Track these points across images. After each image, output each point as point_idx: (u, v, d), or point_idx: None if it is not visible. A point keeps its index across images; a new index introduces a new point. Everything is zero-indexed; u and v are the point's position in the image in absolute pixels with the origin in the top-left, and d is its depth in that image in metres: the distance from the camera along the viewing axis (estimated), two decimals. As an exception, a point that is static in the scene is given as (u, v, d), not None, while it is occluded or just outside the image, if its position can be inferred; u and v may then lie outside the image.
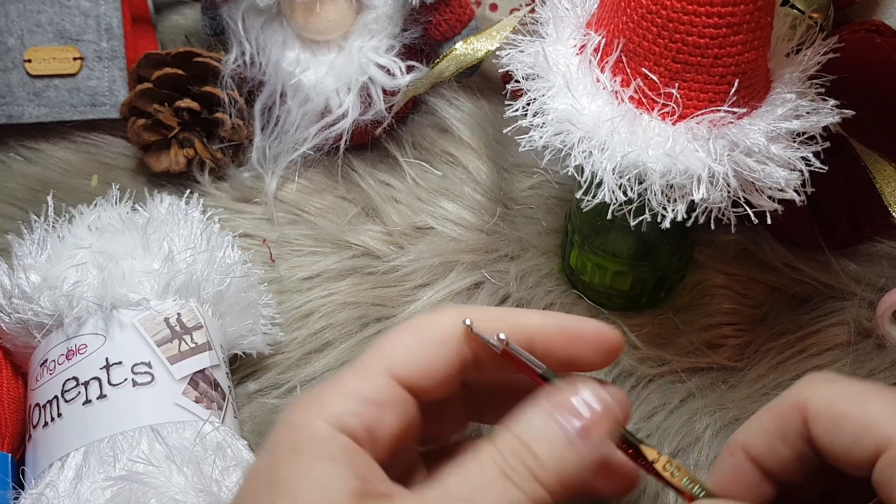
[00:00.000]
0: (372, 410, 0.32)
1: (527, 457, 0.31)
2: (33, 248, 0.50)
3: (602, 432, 0.32)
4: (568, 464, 0.31)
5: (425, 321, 0.35)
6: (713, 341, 0.56)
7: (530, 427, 0.32)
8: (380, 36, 0.61)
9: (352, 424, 0.32)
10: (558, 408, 0.32)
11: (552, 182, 0.62)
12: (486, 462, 0.31)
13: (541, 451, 0.31)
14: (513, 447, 0.31)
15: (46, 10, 0.66)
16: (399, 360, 0.34)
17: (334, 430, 0.32)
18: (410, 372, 0.34)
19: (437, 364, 0.34)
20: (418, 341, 0.34)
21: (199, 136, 0.64)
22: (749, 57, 0.41)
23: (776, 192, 0.43)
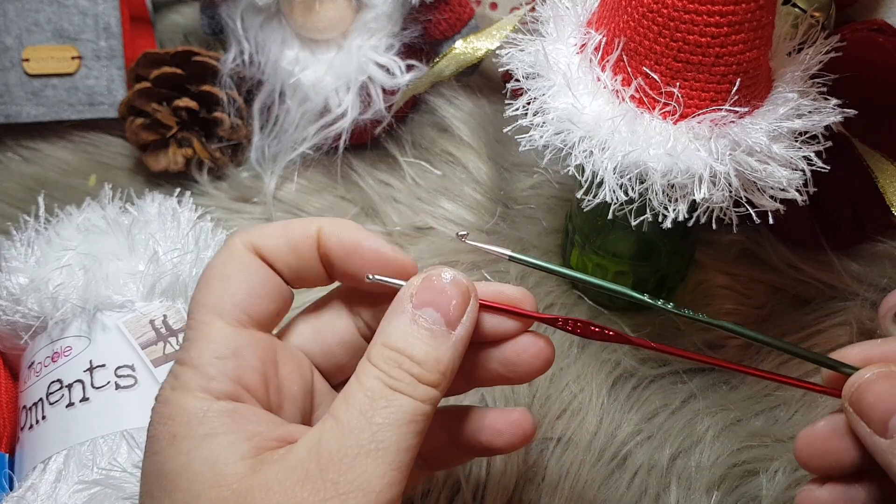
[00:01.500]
0: (228, 364, 0.32)
1: (406, 363, 0.31)
2: (21, 250, 0.50)
3: (462, 312, 0.33)
4: (444, 356, 0.32)
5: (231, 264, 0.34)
6: (715, 342, 0.56)
7: (398, 334, 0.32)
8: (379, 35, 0.61)
9: (219, 387, 0.32)
10: (416, 307, 0.32)
11: (553, 182, 0.62)
12: (370, 382, 0.31)
13: (416, 353, 0.32)
14: (389, 358, 0.31)
15: (44, 9, 0.66)
16: (228, 307, 0.33)
17: (207, 401, 0.31)
18: (242, 311, 0.34)
19: (259, 295, 0.34)
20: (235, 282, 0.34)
21: (198, 136, 0.64)
22: (750, 56, 0.41)
23: (778, 192, 0.42)
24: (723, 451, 0.51)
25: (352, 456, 0.30)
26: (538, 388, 0.54)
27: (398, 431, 0.30)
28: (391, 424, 0.30)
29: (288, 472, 0.30)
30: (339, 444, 0.30)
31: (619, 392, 0.54)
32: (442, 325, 0.32)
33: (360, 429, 0.30)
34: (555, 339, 0.55)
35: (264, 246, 0.35)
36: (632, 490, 0.50)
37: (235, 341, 0.33)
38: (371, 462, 0.30)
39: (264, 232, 0.35)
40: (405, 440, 0.30)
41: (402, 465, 0.30)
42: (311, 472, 0.29)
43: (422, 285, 0.33)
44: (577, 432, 0.52)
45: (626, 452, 0.52)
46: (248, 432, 0.31)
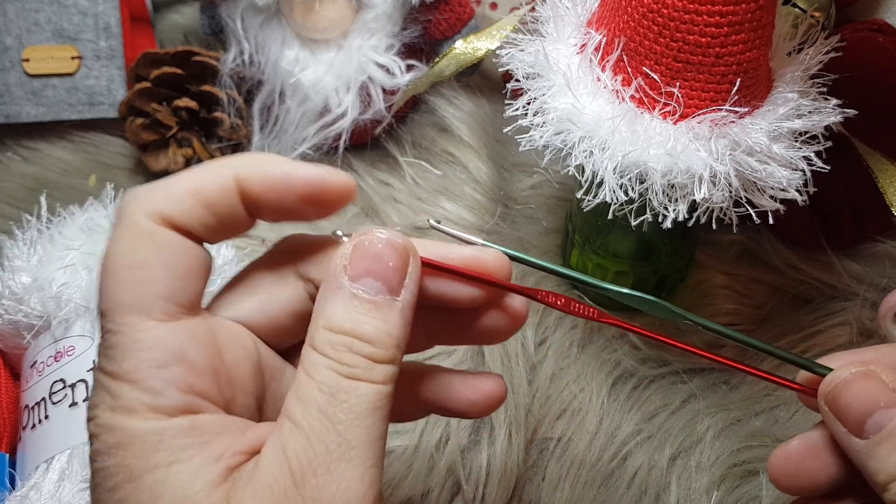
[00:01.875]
0: (173, 372, 0.28)
1: (356, 345, 0.28)
2: (24, 249, 0.50)
3: (403, 274, 0.30)
4: (394, 327, 0.29)
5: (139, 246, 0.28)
6: (714, 342, 0.56)
7: (340, 313, 0.29)
8: (379, 35, 0.61)
9: (168, 402, 0.27)
10: (353, 280, 0.29)
11: (552, 182, 0.62)
12: (322, 375, 0.28)
13: (364, 332, 0.28)
14: (337, 343, 0.28)
15: (44, 9, 0.66)
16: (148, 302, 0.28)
17: (159, 422, 0.27)
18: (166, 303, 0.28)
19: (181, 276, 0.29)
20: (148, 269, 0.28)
21: (198, 136, 0.64)
22: (751, 56, 0.41)
23: (778, 192, 0.42)
24: (723, 451, 0.51)
25: (325, 465, 0.27)
26: (538, 387, 0.54)
27: (365, 424, 0.27)
28: (356, 418, 0.27)
29: (264, 494, 0.27)
30: (306, 452, 0.27)
31: (620, 392, 0.54)
32: (385, 294, 0.29)
33: (324, 431, 0.27)
34: (555, 340, 0.56)
35: (175, 214, 0.28)
36: (632, 490, 0.50)
37: (172, 342, 0.28)
38: (346, 467, 0.27)
39: (169, 195, 0.28)
40: (374, 430, 0.28)
41: (378, 458, 0.28)
42: (288, 490, 0.27)
43: (354, 254, 0.29)
44: (578, 432, 0.52)
45: (626, 452, 0.52)
46: (214, 452, 0.27)
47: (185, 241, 0.29)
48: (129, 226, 0.28)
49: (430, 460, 0.51)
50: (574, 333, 0.56)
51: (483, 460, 0.51)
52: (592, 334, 0.56)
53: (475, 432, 0.52)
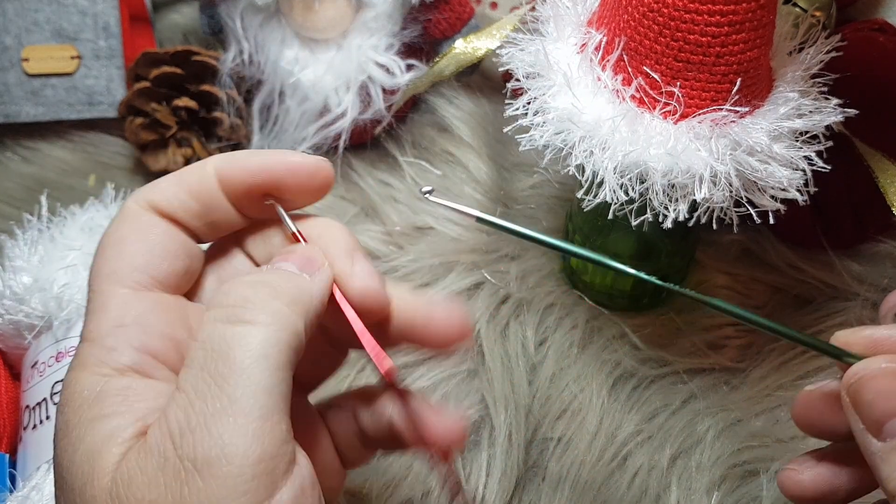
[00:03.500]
0: (131, 332, 0.29)
1: (248, 295, 0.28)
2: (25, 250, 0.50)
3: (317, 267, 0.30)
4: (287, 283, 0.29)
5: (126, 225, 0.31)
6: (715, 342, 0.56)
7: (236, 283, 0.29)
8: (379, 34, 0.61)
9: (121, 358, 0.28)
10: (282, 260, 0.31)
11: (553, 181, 0.62)
12: (205, 333, 0.27)
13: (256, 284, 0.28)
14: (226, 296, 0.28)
15: (44, 8, 0.66)
16: (125, 272, 0.30)
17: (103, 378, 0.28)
18: (141, 274, 0.30)
19: (159, 254, 0.31)
20: (131, 244, 0.31)
21: (198, 136, 0.64)
22: (751, 55, 0.41)
23: (779, 192, 0.42)
24: (723, 452, 0.51)
25: (202, 423, 0.25)
26: (538, 388, 0.54)
27: (249, 373, 0.26)
28: (238, 369, 0.26)
29: (147, 458, 0.26)
30: (185, 412, 0.26)
31: (620, 392, 0.54)
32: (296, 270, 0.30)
33: (205, 388, 0.26)
34: (555, 340, 0.55)
35: (159, 200, 0.31)
36: (632, 490, 0.50)
37: (137, 307, 0.29)
38: (225, 421, 0.25)
39: (157, 186, 0.31)
40: (261, 380, 0.26)
41: (268, 411, 0.26)
42: (167, 452, 0.25)
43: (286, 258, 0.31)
44: (578, 433, 0.52)
45: (626, 453, 0.51)
46: (138, 412, 0.27)
47: (168, 225, 0.31)
48: (122, 212, 0.31)
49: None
50: (574, 333, 0.56)
51: (483, 461, 0.51)
52: (593, 334, 0.56)
53: (475, 432, 0.52)
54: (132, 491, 0.25)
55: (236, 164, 0.31)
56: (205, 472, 0.25)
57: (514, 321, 0.56)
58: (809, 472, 0.34)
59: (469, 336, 0.34)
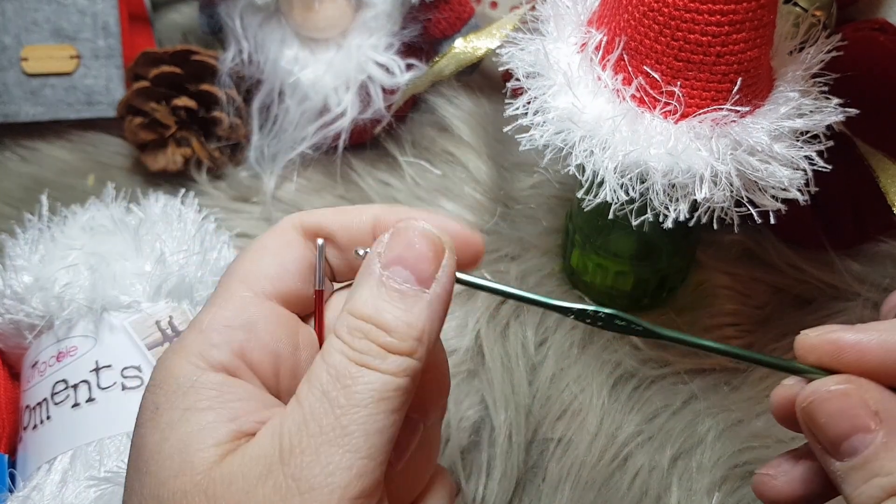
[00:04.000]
0: (237, 334, 0.30)
1: (373, 332, 0.28)
2: (26, 249, 0.50)
3: (435, 266, 0.29)
4: (417, 319, 0.28)
5: (272, 237, 0.32)
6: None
7: (364, 299, 0.28)
8: (379, 34, 0.61)
9: (218, 356, 0.29)
10: (384, 268, 0.29)
11: (553, 181, 0.62)
12: (333, 358, 0.28)
13: (384, 319, 0.28)
14: (355, 328, 0.28)
15: (43, 8, 0.66)
16: (254, 276, 0.31)
17: (199, 370, 0.28)
18: (269, 283, 0.31)
19: (291, 271, 0.32)
20: (270, 254, 0.32)
21: (197, 135, 0.64)
22: (752, 55, 0.41)
23: (779, 192, 0.42)
24: (724, 452, 0.51)
25: (314, 446, 0.26)
26: (538, 388, 0.54)
27: (366, 413, 0.27)
28: (357, 405, 0.27)
29: (251, 465, 0.26)
30: (299, 431, 0.26)
31: (620, 393, 0.54)
32: (413, 284, 0.29)
33: (322, 413, 0.26)
34: (555, 340, 0.55)
35: (310, 224, 0.32)
36: (633, 491, 0.50)
37: (252, 312, 0.30)
38: (336, 451, 0.26)
39: (316, 212, 0.32)
40: (376, 422, 0.27)
41: (375, 451, 0.27)
42: (273, 465, 0.26)
43: (389, 242, 0.29)
44: (578, 433, 0.52)
45: (626, 453, 0.51)
46: (232, 411, 0.28)
47: (306, 245, 0.32)
48: (275, 225, 0.32)
49: (430, 461, 0.51)
50: (574, 334, 0.56)
51: (483, 460, 0.51)
52: (593, 335, 0.56)
53: (475, 433, 0.52)
54: (231, 492, 0.26)
55: (396, 216, 0.31)
56: (307, 494, 0.26)
57: (514, 321, 0.56)
58: (784, 477, 0.33)
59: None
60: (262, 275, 0.31)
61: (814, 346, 0.32)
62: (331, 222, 0.32)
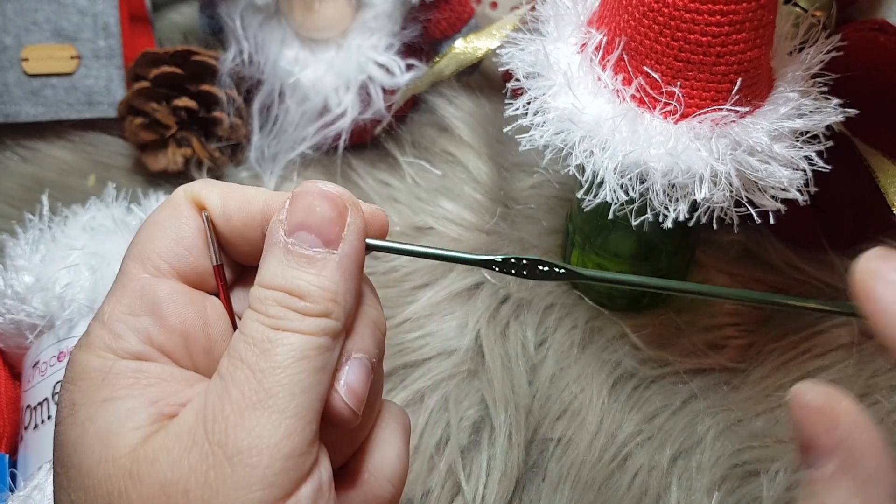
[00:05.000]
0: (141, 321, 0.29)
1: (287, 300, 0.28)
2: (27, 249, 0.50)
3: (340, 226, 0.29)
4: (330, 280, 0.28)
5: (164, 211, 0.31)
6: (715, 342, 0.56)
7: (274, 269, 0.28)
8: (379, 34, 0.61)
9: (126, 346, 0.28)
10: (289, 234, 0.28)
11: (553, 181, 0.62)
12: (250, 328, 0.27)
13: (296, 286, 0.28)
14: (268, 298, 0.28)
15: (43, 8, 0.66)
16: (150, 255, 0.30)
17: (110, 361, 0.28)
18: (165, 261, 0.30)
19: (188, 246, 0.30)
20: (163, 229, 0.30)
21: (197, 135, 0.64)
22: (752, 55, 0.41)
23: (779, 192, 0.42)
24: (723, 452, 0.51)
25: (237, 412, 0.26)
26: (538, 388, 0.54)
27: (288, 373, 0.26)
28: (278, 366, 0.26)
29: (174, 440, 0.26)
30: (221, 399, 0.26)
31: (620, 392, 0.54)
32: (320, 248, 0.28)
33: (243, 379, 0.26)
34: (555, 340, 0.55)
35: (204, 196, 0.31)
36: (632, 491, 0.50)
37: (153, 294, 0.29)
38: (261, 414, 0.26)
39: (209, 183, 0.31)
40: (300, 381, 0.26)
41: (302, 410, 0.26)
42: (198, 436, 0.26)
43: (290, 207, 0.29)
44: (578, 433, 0.52)
45: (626, 453, 0.51)
46: (151, 396, 0.27)
47: (201, 219, 0.30)
48: (168, 198, 0.31)
49: (431, 461, 0.51)
50: (574, 334, 0.56)
51: (483, 460, 0.51)
52: (593, 335, 0.56)
53: (475, 432, 0.52)
54: (155, 469, 0.26)
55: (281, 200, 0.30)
56: (234, 459, 0.25)
57: (514, 321, 0.56)
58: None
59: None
60: (157, 253, 0.30)
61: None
62: (224, 200, 0.31)
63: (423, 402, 0.53)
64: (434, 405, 0.53)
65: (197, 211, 0.31)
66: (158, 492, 0.25)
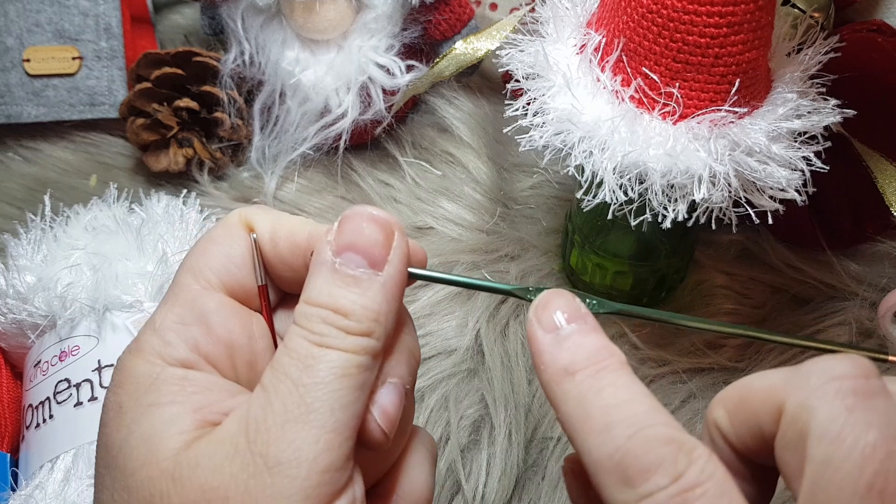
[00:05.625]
0: (191, 330, 0.30)
1: (331, 317, 0.28)
2: (29, 249, 0.50)
3: (386, 249, 0.30)
4: (373, 301, 0.29)
5: (219, 229, 0.33)
6: (714, 342, 0.56)
7: (319, 287, 0.29)
8: (379, 35, 0.61)
9: (174, 353, 0.29)
10: (336, 255, 0.29)
11: (552, 182, 0.62)
12: (294, 343, 0.28)
13: (341, 305, 0.29)
14: (313, 315, 0.29)
15: (45, 9, 0.66)
16: (203, 269, 0.31)
17: (158, 367, 0.29)
18: (217, 276, 0.31)
19: (238, 264, 0.32)
20: (216, 246, 0.32)
21: (199, 136, 0.64)
22: (750, 56, 0.41)
23: (777, 192, 0.42)
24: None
25: (279, 424, 0.27)
26: (538, 387, 0.54)
27: (329, 389, 0.27)
28: (319, 383, 0.27)
29: (217, 447, 0.27)
30: (263, 410, 0.27)
31: (619, 392, 0.54)
32: (366, 269, 0.29)
33: (286, 393, 0.27)
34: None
35: (255, 221, 0.32)
36: (631, 489, 0.50)
37: (203, 305, 0.31)
38: (301, 427, 0.27)
39: (263, 210, 0.33)
40: (340, 398, 0.27)
41: (341, 426, 0.27)
42: (240, 445, 0.27)
43: (339, 228, 0.30)
44: (577, 432, 0.52)
45: (625, 452, 0.52)
46: (195, 402, 0.29)
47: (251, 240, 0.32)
48: (223, 220, 0.33)
49: (431, 460, 0.51)
50: (574, 333, 0.56)
51: (483, 460, 0.51)
52: (592, 334, 0.56)
53: (475, 432, 0.52)
54: (196, 474, 0.26)
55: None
56: (274, 470, 0.26)
57: (514, 321, 0.57)
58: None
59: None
60: (210, 267, 0.31)
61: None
62: (274, 227, 0.32)
63: (423, 402, 0.53)
64: (434, 404, 0.53)
65: (248, 233, 0.32)
66: (199, 496, 0.26)
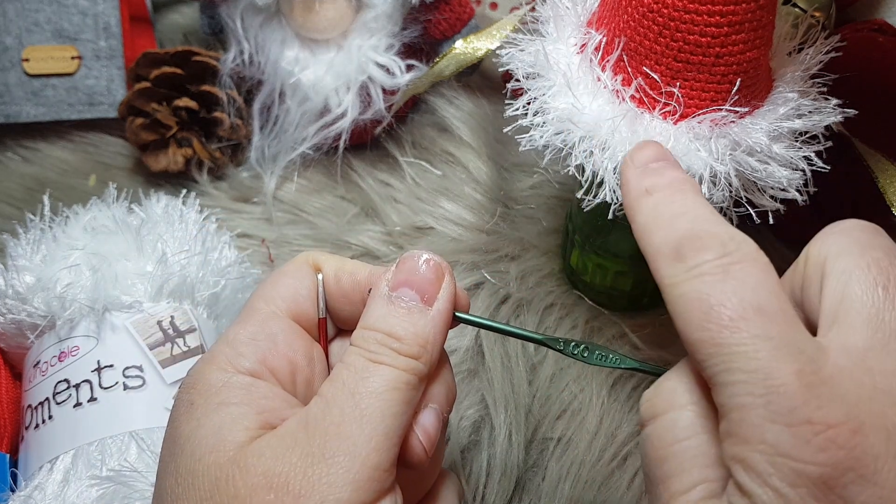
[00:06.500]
0: (261, 345, 0.34)
1: (386, 340, 0.33)
2: (28, 249, 0.50)
3: (437, 288, 0.35)
4: (423, 329, 0.34)
5: (290, 266, 0.38)
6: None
7: (377, 315, 0.34)
8: (379, 35, 0.61)
9: (244, 363, 0.34)
10: (392, 290, 0.34)
11: (553, 182, 0.62)
12: (352, 359, 0.33)
13: (395, 330, 0.33)
14: (370, 338, 0.33)
15: (44, 9, 0.66)
16: (274, 297, 0.36)
17: (228, 374, 0.33)
18: (285, 304, 0.36)
19: (304, 296, 0.37)
20: (287, 278, 0.37)
21: (198, 136, 0.64)
22: (751, 56, 0.41)
23: (778, 192, 0.42)
24: (723, 452, 0.51)
25: (336, 424, 0.31)
26: (538, 387, 0.54)
27: (381, 398, 0.31)
28: (373, 392, 0.31)
29: (279, 441, 0.31)
30: (323, 413, 0.31)
31: (620, 392, 0.54)
32: (418, 303, 0.34)
33: (343, 399, 0.31)
34: (555, 340, 0.55)
35: (323, 261, 0.37)
36: (632, 490, 0.50)
37: (272, 326, 0.35)
38: (356, 427, 0.31)
39: (328, 255, 0.38)
40: (390, 407, 0.31)
41: (390, 431, 0.31)
42: (300, 439, 0.31)
43: (397, 268, 0.35)
44: (578, 432, 0.52)
45: (626, 452, 0.52)
46: (259, 406, 0.32)
47: (315, 279, 0.37)
48: (293, 259, 0.38)
49: (430, 460, 0.51)
50: (574, 334, 0.56)
51: (483, 460, 0.51)
52: (593, 335, 0.56)
53: (475, 432, 0.52)
54: (261, 462, 0.30)
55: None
56: (330, 461, 0.30)
57: (514, 321, 0.56)
58: None
59: None
60: (280, 296, 0.36)
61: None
62: (336, 275, 0.37)
63: (423, 402, 0.53)
64: (434, 405, 0.53)
65: (314, 272, 0.37)
66: (262, 481, 0.30)
